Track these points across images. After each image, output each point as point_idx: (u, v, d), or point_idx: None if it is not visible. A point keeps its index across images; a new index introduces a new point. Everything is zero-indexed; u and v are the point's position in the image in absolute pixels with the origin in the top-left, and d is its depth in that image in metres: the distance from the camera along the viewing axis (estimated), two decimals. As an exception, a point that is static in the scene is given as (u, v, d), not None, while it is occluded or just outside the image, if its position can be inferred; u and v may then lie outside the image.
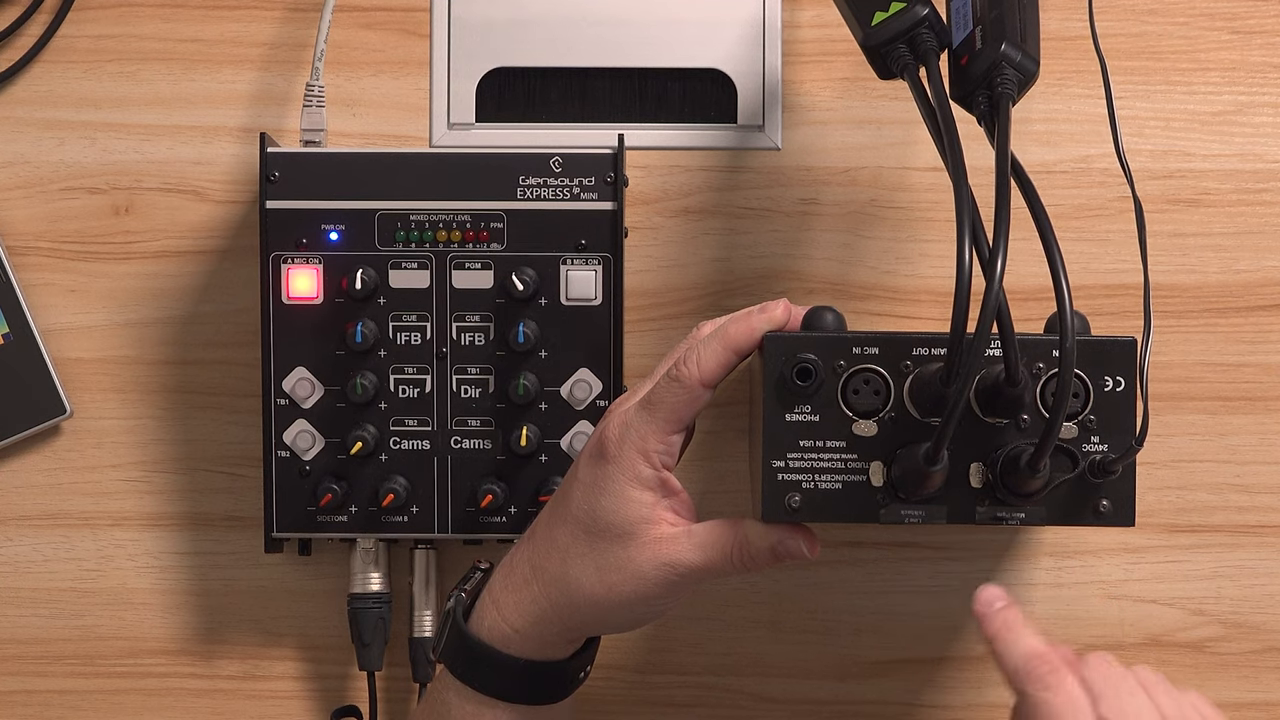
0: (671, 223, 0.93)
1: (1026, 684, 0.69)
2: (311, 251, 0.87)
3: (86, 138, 0.93)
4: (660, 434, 0.76)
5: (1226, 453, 0.92)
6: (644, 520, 0.76)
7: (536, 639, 0.78)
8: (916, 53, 0.77)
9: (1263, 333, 0.93)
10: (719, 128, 0.93)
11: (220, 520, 0.93)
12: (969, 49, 0.77)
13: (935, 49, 0.78)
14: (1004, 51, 0.76)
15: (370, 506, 0.88)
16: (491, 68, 0.93)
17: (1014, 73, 0.76)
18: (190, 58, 0.93)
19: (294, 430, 0.88)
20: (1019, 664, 0.70)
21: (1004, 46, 0.76)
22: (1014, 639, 0.71)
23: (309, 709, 0.93)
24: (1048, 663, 0.69)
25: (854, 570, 0.93)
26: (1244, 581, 0.92)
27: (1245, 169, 0.93)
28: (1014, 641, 0.71)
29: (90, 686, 0.93)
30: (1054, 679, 0.69)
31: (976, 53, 0.77)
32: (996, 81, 0.76)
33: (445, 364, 0.88)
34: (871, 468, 0.75)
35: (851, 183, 0.93)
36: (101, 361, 0.93)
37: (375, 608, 0.90)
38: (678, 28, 0.94)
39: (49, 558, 0.93)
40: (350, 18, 0.93)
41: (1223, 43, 0.93)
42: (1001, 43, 0.76)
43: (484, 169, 0.87)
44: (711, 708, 0.94)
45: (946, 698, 0.93)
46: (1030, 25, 0.78)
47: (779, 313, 0.78)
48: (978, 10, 0.78)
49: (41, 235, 0.93)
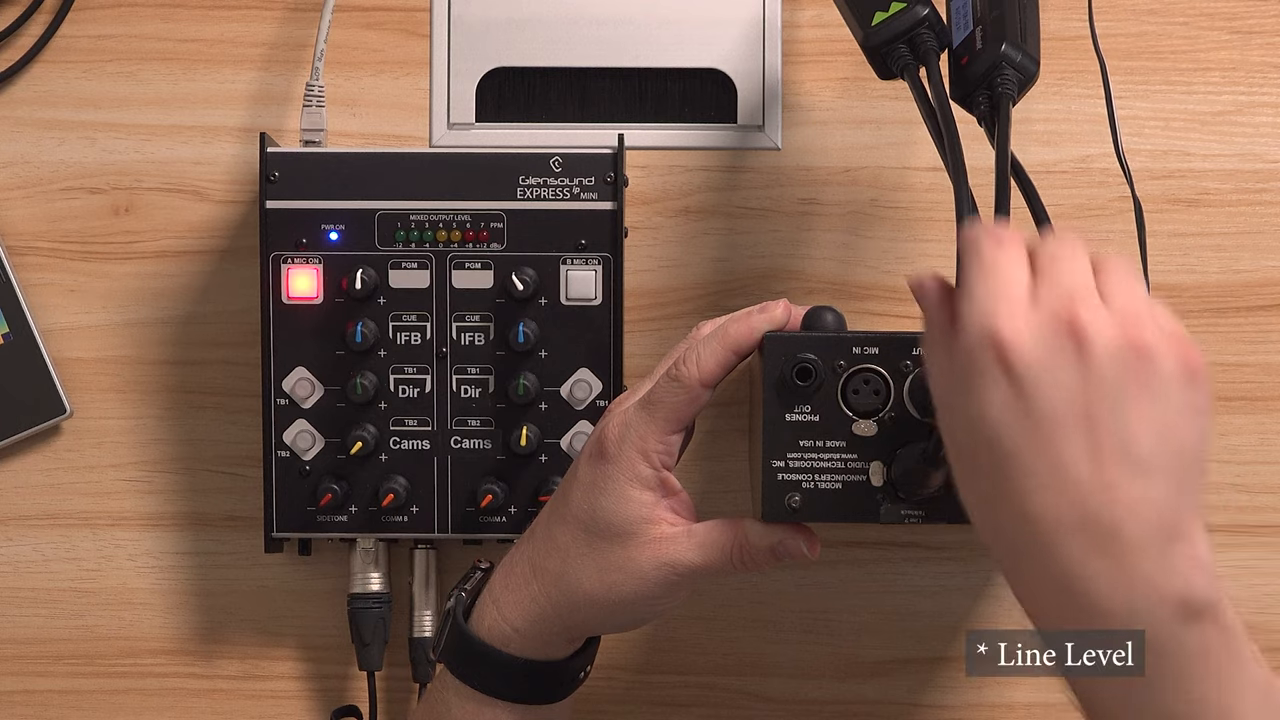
0: (671, 223, 0.93)
1: (964, 252, 0.64)
2: (311, 251, 0.87)
3: (86, 138, 0.93)
4: (660, 434, 0.76)
5: (1226, 453, 0.92)
6: (644, 520, 0.76)
7: (536, 638, 0.78)
8: (916, 53, 0.77)
9: (1263, 333, 0.93)
10: (719, 128, 0.93)
11: (220, 520, 0.93)
12: (969, 49, 0.77)
13: (935, 49, 0.78)
14: (1004, 52, 0.76)
15: (370, 506, 0.88)
16: (491, 68, 0.93)
17: (1014, 73, 0.76)
18: (190, 58, 0.93)
19: (294, 430, 0.88)
20: (965, 235, 0.65)
21: (1004, 47, 0.76)
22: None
23: (309, 709, 0.93)
24: (994, 234, 0.64)
25: (854, 570, 0.93)
26: (1244, 581, 0.92)
27: (1245, 169, 0.93)
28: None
29: (90, 686, 0.93)
30: (995, 246, 0.63)
31: (977, 53, 0.77)
32: (997, 82, 0.76)
33: (445, 364, 0.88)
34: (871, 468, 0.75)
35: (851, 183, 0.93)
36: (101, 361, 0.93)
37: (375, 608, 0.90)
38: (678, 28, 0.94)
39: (49, 558, 0.93)
40: (350, 18, 0.93)
41: (1223, 43, 0.93)
42: (1002, 43, 0.76)
43: (484, 169, 0.87)
44: (711, 708, 0.94)
45: (946, 698, 0.93)
46: (1031, 25, 0.78)
47: (779, 312, 0.78)
48: (978, 10, 0.78)
49: (41, 235, 0.93)
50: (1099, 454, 0.61)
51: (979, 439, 0.62)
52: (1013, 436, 0.61)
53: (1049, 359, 0.61)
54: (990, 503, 0.63)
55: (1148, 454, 0.61)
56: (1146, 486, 0.61)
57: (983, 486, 0.63)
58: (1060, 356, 0.61)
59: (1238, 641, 0.62)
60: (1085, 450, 0.61)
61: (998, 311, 0.62)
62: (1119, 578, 0.60)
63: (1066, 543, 0.61)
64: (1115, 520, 0.60)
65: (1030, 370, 0.61)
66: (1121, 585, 0.60)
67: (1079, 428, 0.61)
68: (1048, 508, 0.61)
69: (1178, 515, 0.61)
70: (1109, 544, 0.60)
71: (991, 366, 0.61)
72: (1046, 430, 0.61)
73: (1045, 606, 0.63)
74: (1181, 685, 0.61)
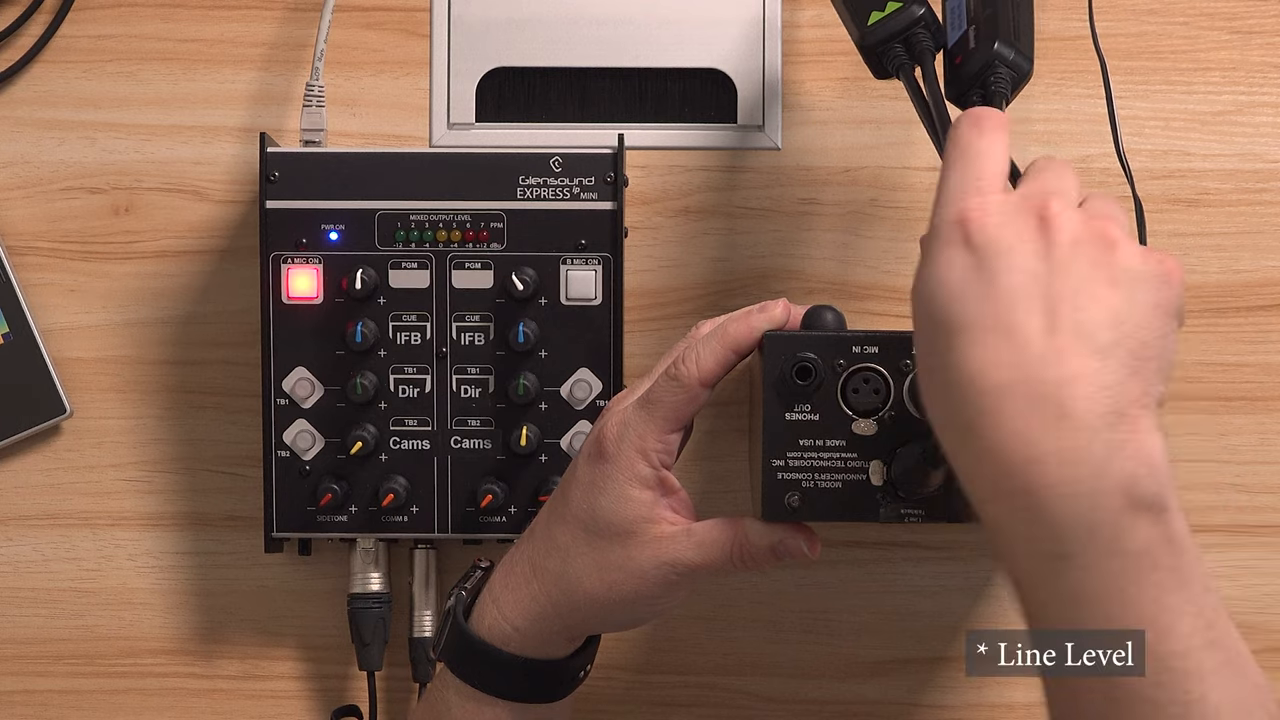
0: (671, 223, 0.93)
1: (948, 139, 0.66)
2: (311, 251, 0.87)
3: (86, 138, 0.93)
4: (659, 433, 0.76)
5: (1226, 453, 0.92)
6: (643, 519, 0.76)
7: (537, 637, 0.78)
8: (912, 53, 0.77)
9: (1263, 333, 0.93)
10: (719, 128, 0.93)
11: (220, 520, 0.93)
12: (963, 49, 0.77)
13: (931, 49, 0.78)
14: (997, 50, 0.76)
15: (370, 506, 0.88)
16: (491, 68, 0.94)
17: (1007, 71, 0.76)
18: (190, 58, 0.93)
19: (294, 430, 0.88)
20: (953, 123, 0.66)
21: (997, 45, 0.76)
22: None
23: (309, 709, 0.93)
24: (976, 119, 0.65)
25: (854, 570, 0.93)
26: (1244, 581, 0.92)
27: (1245, 169, 0.93)
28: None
29: (90, 686, 0.93)
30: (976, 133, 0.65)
31: (970, 52, 0.77)
32: (990, 80, 0.76)
33: (445, 364, 0.88)
34: (871, 467, 0.75)
35: (851, 183, 0.93)
36: (101, 361, 0.93)
37: (375, 608, 0.90)
38: (678, 28, 0.94)
39: (49, 558, 0.93)
40: (350, 18, 0.93)
41: (1223, 43, 0.93)
42: (994, 41, 0.76)
43: (484, 169, 0.87)
44: (711, 708, 0.94)
45: (946, 698, 0.93)
46: (1024, 24, 0.78)
47: (778, 312, 0.78)
48: (971, 10, 0.78)
49: (41, 235, 0.93)
50: (1054, 327, 0.60)
51: (935, 307, 0.62)
52: (968, 304, 0.61)
53: (1012, 235, 0.62)
54: (941, 373, 0.62)
55: (1104, 337, 0.60)
56: (1100, 367, 0.60)
57: (935, 361, 0.62)
58: (1025, 234, 0.62)
59: (1186, 560, 0.60)
60: (1040, 323, 0.60)
61: (967, 190, 0.63)
62: (1064, 454, 0.59)
63: (1014, 412, 0.59)
64: (1065, 394, 0.59)
65: (992, 244, 0.62)
66: (1067, 462, 0.59)
67: (1036, 301, 0.60)
68: (1000, 373, 0.60)
69: (1129, 403, 0.60)
70: (1057, 418, 0.59)
71: (955, 238, 0.62)
72: (1004, 301, 0.61)
73: (988, 487, 0.61)
74: (1117, 584, 0.59)
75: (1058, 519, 0.59)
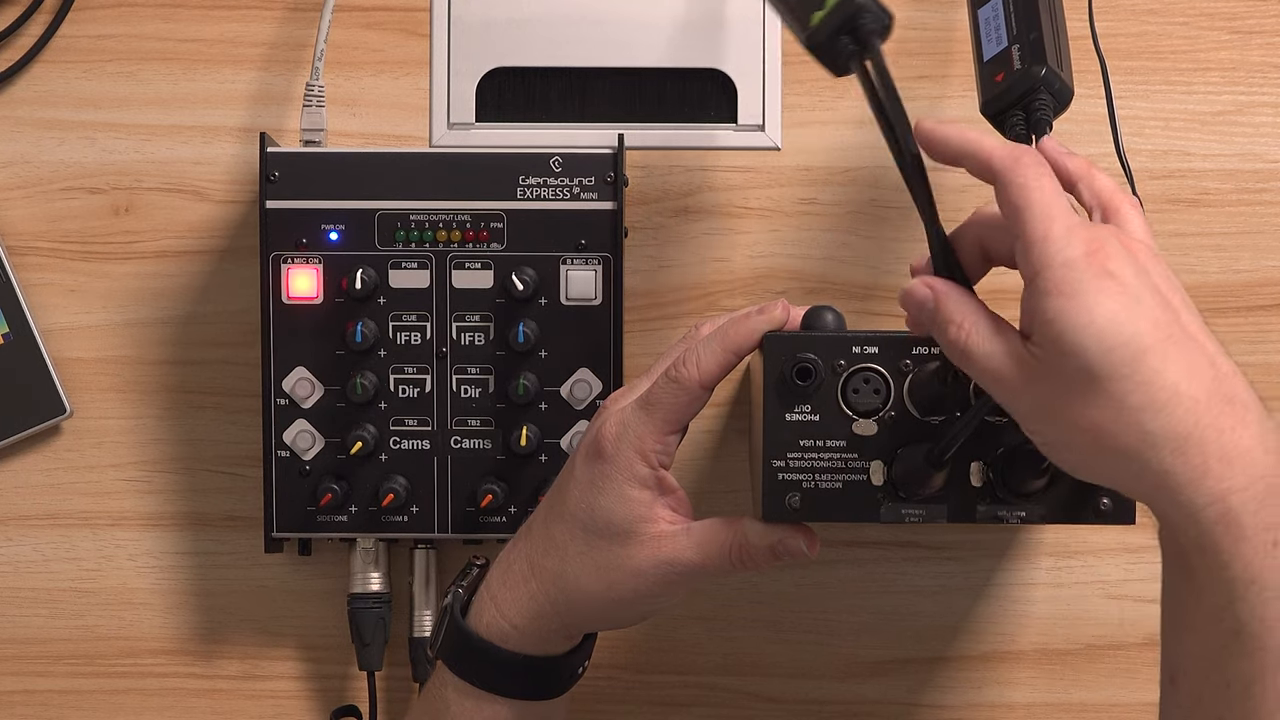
0: (671, 223, 0.93)
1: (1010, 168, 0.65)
2: (311, 251, 0.87)
3: (86, 138, 0.93)
4: (658, 434, 0.76)
5: (1227, 453, 0.92)
6: (642, 519, 0.76)
7: (535, 635, 0.78)
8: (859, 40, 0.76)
9: (1263, 333, 0.93)
10: (719, 128, 0.93)
11: (220, 520, 0.93)
12: (1005, 66, 0.77)
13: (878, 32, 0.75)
14: (1045, 76, 0.76)
15: (370, 506, 0.88)
16: (491, 68, 0.93)
17: (1050, 98, 0.76)
18: (190, 58, 0.93)
19: (294, 430, 0.88)
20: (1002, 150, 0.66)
21: (1045, 71, 0.76)
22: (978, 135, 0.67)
23: (309, 709, 0.93)
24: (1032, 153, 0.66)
25: (854, 570, 0.93)
26: (1244, 581, 0.92)
27: (1245, 169, 0.93)
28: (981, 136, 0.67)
29: (90, 686, 0.93)
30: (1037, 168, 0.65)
31: (1015, 72, 0.77)
32: (1035, 105, 0.76)
33: (445, 364, 0.88)
34: (871, 467, 0.75)
35: (851, 183, 0.93)
36: (101, 361, 0.93)
37: (375, 608, 0.90)
38: (678, 28, 0.94)
39: (49, 558, 0.93)
40: (350, 18, 0.93)
41: (1223, 43, 0.93)
42: (1043, 67, 0.76)
43: (484, 169, 0.87)
44: (711, 708, 0.94)
45: (946, 698, 0.93)
46: (1065, 50, 0.78)
47: (778, 313, 0.77)
48: (1013, 28, 0.78)
49: (41, 235, 0.93)
50: (1202, 327, 0.65)
51: (1110, 335, 0.62)
52: (1141, 323, 0.62)
53: (1133, 255, 0.64)
54: (1117, 401, 0.62)
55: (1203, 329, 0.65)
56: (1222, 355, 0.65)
57: (1099, 398, 0.62)
58: (1131, 251, 0.65)
59: None
60: (1197, 325, 0.64)
61: (1071, 225, 0.64)
62: (1267, 440, 0.63)
63: (1220, 411, 0.62)
64: (1235, 386, 0.63)
65: (1130, 265, 0.63)
66: (1272, 450, 0.63)
67: (1189, 309, 0.65)
68: (1202, 379, 0.62)
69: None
70: (1243, 410, 0.63)
71: (1095, 269, 0.63)
72: (1179, 312, 0.64)
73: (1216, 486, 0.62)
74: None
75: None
